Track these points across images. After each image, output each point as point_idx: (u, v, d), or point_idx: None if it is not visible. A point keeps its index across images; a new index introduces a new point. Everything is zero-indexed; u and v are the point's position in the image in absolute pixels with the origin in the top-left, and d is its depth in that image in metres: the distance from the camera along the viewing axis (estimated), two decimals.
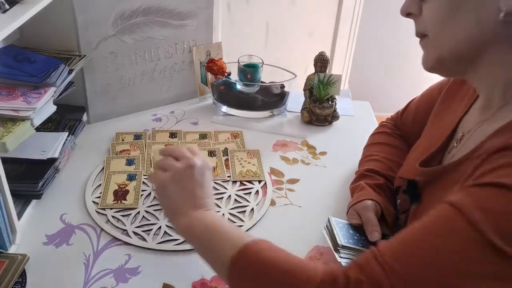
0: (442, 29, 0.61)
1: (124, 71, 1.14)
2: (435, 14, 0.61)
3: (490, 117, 0.63)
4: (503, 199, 0.48)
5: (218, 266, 0.62)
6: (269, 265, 0.57)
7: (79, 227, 0.83)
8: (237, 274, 0.58)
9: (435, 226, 0.51)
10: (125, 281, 0.73)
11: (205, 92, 1.29)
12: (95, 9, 1.02)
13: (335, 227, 0.75)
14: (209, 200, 0.71)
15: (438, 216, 0.52)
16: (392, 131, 0.98)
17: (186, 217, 0.68)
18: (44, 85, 0.90)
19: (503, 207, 0.48)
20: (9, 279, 0.69)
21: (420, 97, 0.94)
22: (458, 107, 0.75)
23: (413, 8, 0.64)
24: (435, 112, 0.83)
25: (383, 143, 0.96)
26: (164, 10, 1.13)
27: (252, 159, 1.03)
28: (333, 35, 2.07)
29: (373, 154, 0.93)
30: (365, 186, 0.84)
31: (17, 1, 0.81)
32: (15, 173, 0.85)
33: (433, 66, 0.65)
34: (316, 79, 1.18)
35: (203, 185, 0.72)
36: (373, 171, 0.87)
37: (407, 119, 0.96)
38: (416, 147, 0.84)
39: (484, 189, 0.50)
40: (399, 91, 2.68)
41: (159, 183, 0.72)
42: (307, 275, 0.54)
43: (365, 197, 0.81)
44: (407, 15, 0.66)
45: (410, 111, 0.95)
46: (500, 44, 0.57)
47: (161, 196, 0.73)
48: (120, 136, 1.09)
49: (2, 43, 0.97)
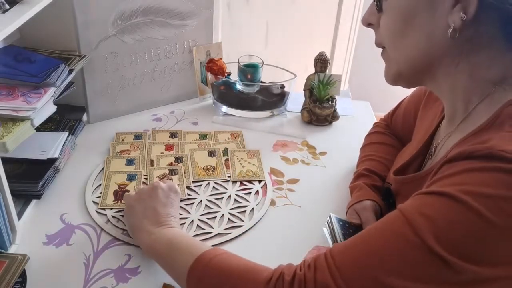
0: (395, 43, 0.64)
1: (124, 71, 1.14)
2: (389, 28, 0.64)
3: (455, 129, 0.64)
4: (444, 208, 0.49)
5: (180, 279, 0.64)
6: (222, 269, 0.59)
7: (79, 227, 0.83)
8: (194, 283, 0.60)
9: (381, 229, 0.53)
10: (125, 281, 0.73)
11: (205, 92, 1.29)
12: (95, 9, 1.02)
13: (336, 225, 0.75)
14: (173, 219, 0.75)
15: (386, 221, 0.54)
16: (386, 130, 0.99)
17: (148, 234, 0.71)
18: (44, 85, 0.90)
19: (444, 215, 0.49)
20: (9, 279, 0.69)
21: (408, 98, 0.95)
22: (434, 116, 0.77)
23: (372, 19, 0.67)
24: (419, 115, 0.85)
25: (378, 142, 0.96)
26: (164, 10, 1.13)
27: (252, 159, 1.03)
28: (333, 35, 2.07)
29: (370, 155, 0.93)
30: (364, 186, 0.84)
31: (17, 1, 0.81)
32: (15, 173, 0.85)
33: (393, 79, 0.67)
34: (316, 79, 1.18)
35: (167, 205, 0.77)
36: (370, 171, 0.88)
37: (397, 121, 0.97)
38: (403, 151, 0.85)
39: (429, 197, 0.52)
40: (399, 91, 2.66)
41: (127, 203, 0.80)
42: (256, 275, 0.56)
43: (365, 197, 0.81)
44: (368, 25, 0.68)
45: (399, 113, 0.96)
46: (453, 58, 0.59)
47: (127, 216, 0.79)
48: (120, 136, 1.09)
49: (2, 43, 0.97)
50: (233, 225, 0.85)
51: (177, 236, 0.69)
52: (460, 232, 0.48)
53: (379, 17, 0.65)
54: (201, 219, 0.86)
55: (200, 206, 0.89)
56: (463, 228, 0.48)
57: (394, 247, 0.50)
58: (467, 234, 0.48)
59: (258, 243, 0.82)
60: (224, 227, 0.84)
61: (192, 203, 0.90)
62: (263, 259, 0.80)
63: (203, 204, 0.90)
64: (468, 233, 0.48)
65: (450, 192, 0.49)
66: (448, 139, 0.66)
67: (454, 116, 0.65)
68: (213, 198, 0.91)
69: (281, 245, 0.81)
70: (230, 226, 0.85)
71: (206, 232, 0.83)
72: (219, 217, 0.86)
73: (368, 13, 0.68)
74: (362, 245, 0.53)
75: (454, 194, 0.49)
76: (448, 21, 0.56)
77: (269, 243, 0.82)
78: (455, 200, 0.49)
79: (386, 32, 0.64)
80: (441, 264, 0.48)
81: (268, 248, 0.81)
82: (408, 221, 0.50)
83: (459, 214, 0.48)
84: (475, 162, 0.50)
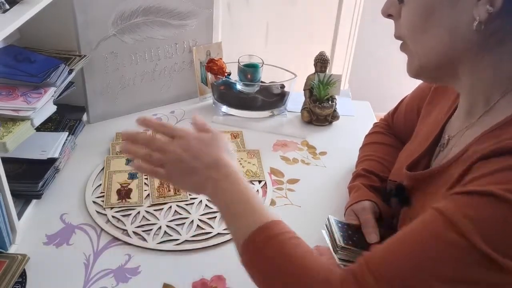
0: (416, 37, 0.61)
1: (124, 71, 1.14)
2: (410, 21, 0.61)
3: (474, 123, 0.63)
4: (489, 208, 0.48)
5: (236, 239, 0.61)
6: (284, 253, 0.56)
7: (79, 227, 0.83)
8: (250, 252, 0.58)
9: (422, 233, 0.52)
10: (125, 281, 0.73)
11: (205, 92, 1.29)
12: (95, 9, 1.02)
13: (335, 227, 0.74)
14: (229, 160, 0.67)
15: (425, 223, 0.52)
16: (386, 130, 0.99)
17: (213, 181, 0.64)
18: (44, 85, 0.90)
19: (490, 215, 0.48)
20: (9, 279, 0.69)
21: (410, 96, 0.94)
22: (442, 109, 0.75)
23: (392, 10, 0.64)
24: (423, 113, 0.83)
25: (377, 142, 0.96)
26: (164, 10, 1.13)
27: (252, 159, 1.03)
28: (333, 35, 2.07)
29: (369, 155, 0.93)
30: (362, 186, 0.84)
31: (17, 1, 0.81)
32: (15, 173, 0.85)
33: (416, 73, 0.65)
34: (316, 79, 1.18)
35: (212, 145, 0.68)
36: (368, 171, 0.88)
37: (399, 120, 0.96)
38: (406, 149, 0.84)
39: (470, 198, 0.50)
40: (399, 91, 2.66)
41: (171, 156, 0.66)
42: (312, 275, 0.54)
43: (363, 198, 0.81)
44: (387, 16, 0.66)
45: (401, 111, 0.96)
46: (477, 52, 0.58)
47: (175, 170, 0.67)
48: (120, 136, 1.09)
49: (2, 43, 0.97)
50: None
51: (245, 191, 0.63)
52: (509, 232, 0.47)
53: (399, 8, 0.63)
54: (201, 219, 0.86)
55: (200, 206, 0.89)
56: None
57: (442, 252, 0.49)
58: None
59: None
60: (224, 227, 0.84)
61: (192, 203, 0.90)
62: None
63: (203, 204, 0.90)
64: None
65: (494, 191, 0.48)
66: (465, 132, 0.65)
67: (472, 110, 0.64)
68: None
69: None
70: None
71: (206, 232, 0.83)
72: (219, 217, 0.86)
73: (388, 4, 0.65)
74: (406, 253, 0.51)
75: (498, 193, 0.48)
76: (473, 14, 0.54)
77: None
78: (500, 200, 0.47)
79: (407, 25, 0.62)
80: (492, 266, 0.47)
81: None
82: (452, 223, 0.49)
83: (506, 214, 0.47)
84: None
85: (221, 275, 0.75)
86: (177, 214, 0.87)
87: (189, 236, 0.82)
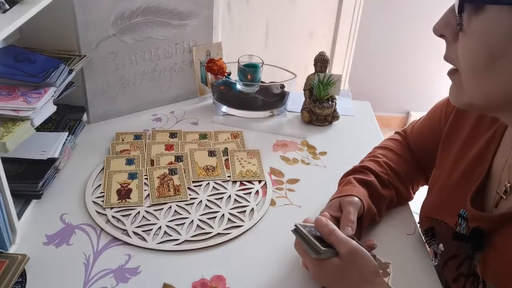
0: (472, 77, 0.56)
1: (124, 71, 1.14)
2: (470, 57, 0.55)
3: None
4: None
5: None
6: None
7: (79, 227, 0.83)
8: None
9: None
10: (125, 281, 0.73)
11: (205, 92, 1.29)
12: (95, 9, 1.02)
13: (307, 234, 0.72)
14: None
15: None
16: (404, 140, 0.97)
17: None
18: (44, 85, 0.90)
19: None
20: (9, 279, 0.69)
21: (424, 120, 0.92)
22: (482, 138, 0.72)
23: (447, 32, 0.58)
24: (447, 138, 0.80)
25: (391, 149, 0.94)
26: (164, 10, 1.13)
27: (252, 159, 1.03)
28: (333, 35, 2.07)
29: (377, 156, 0.92)
30: (353, 181, 0.84)
31: (17, 1, 0.81)
32: (15, 173, 0.85)
33: (464, 107, 0.62)
34: (316, 79, 1.18)
35: None
36: (366, 168, 0.88)
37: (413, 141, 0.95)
38: (435, 181, 0.81)
39: None
40: (399, 91, 2.68)
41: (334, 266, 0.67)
42: None
43: (354, 193, 0.81)
44: (440, 35, 0.59)
45: (414, 134, 0.94)
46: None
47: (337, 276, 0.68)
48: (120, 136, 1.09)
49: (2, 43, 0.97)
50: (233, 225, 0.85)
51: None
52: None
53: (456, 33, 0.56)
54: (201, 219, 0.86)
55: (200, 206, 0.89)
56: None
57: None
58: None
59: (258, 243, 0.82)
60: (224, 227, 0.84)
61: (192, 203, 0.90)
62: (263, 259, 0.80)
63: (203, 204, 0.90)
64: None
65: None
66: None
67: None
68: (213, 198, 0.92)
69: (281, 245, 0.81)
70: (230, 226, 0.85)
71: (206, 232, 0.83)
72: (219, 217, 0.86)
73: (442, 23, 0.58)
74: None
75: None
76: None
77: (269, 243, 0.82)
78: None
79: (465, 60, 0.56)
80: None
81: (268, 248, 0.81)
82: None
83: None
84: None
85: (221, 275, 0.75)
86: (177, 214, 0.87)
87: (189, 236, 0.82)
